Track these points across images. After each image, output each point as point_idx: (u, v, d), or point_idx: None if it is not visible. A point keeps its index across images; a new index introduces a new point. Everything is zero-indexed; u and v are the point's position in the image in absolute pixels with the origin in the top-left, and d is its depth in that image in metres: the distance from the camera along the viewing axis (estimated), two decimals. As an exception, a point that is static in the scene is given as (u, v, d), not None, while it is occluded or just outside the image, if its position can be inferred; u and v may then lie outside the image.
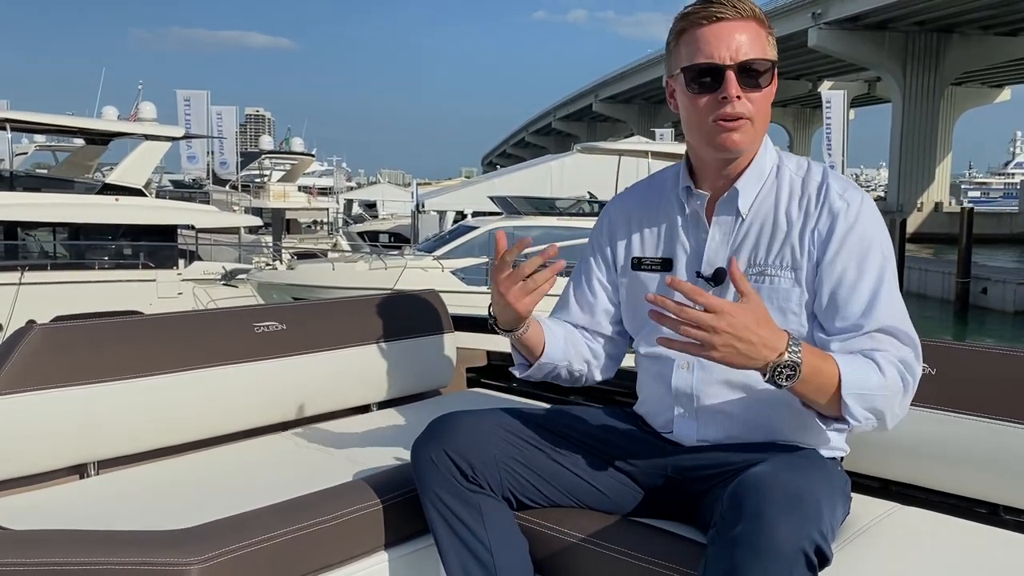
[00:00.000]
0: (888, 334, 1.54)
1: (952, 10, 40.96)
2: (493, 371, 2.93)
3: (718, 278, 1.67)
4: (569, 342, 1.82)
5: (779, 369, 1.42)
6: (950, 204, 48.93)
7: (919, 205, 47.59)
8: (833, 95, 23.95)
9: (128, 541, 1.53)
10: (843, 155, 22.63)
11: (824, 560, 1.34)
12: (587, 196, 18.40)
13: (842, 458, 1.69)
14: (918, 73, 47.15)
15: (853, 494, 1.71)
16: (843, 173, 22.18)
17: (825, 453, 1.64)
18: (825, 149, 23.60)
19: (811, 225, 1.61)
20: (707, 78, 1.58)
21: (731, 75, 1.56)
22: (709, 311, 1.37)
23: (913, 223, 42.56)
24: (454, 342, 2.68)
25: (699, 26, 1.59)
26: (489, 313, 1.73)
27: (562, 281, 1.87)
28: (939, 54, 46.95)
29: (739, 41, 1.56)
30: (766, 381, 1.44)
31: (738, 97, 1.56)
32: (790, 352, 1.42)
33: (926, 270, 27.95)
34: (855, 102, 68.98)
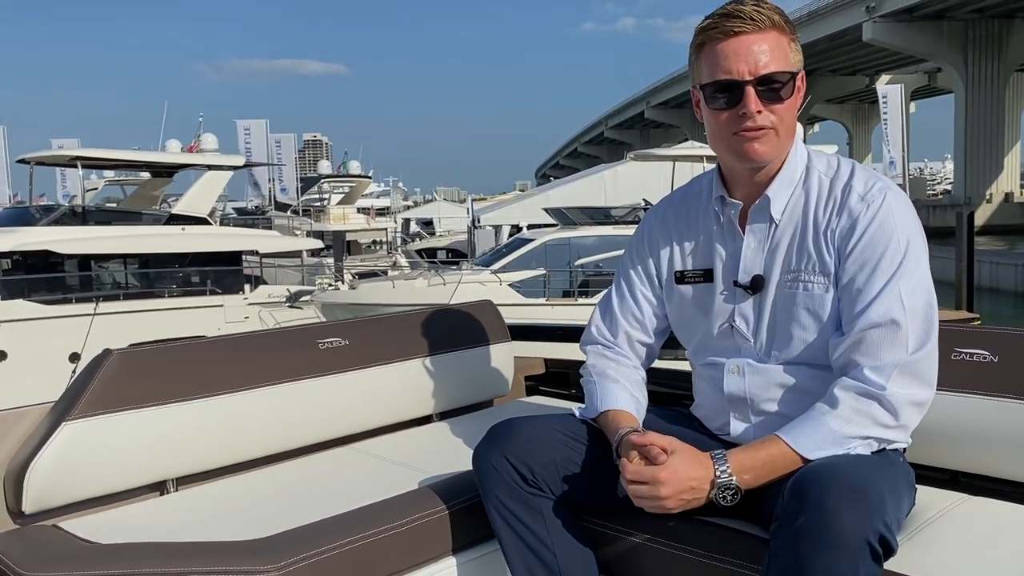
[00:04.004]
0: (878, 328, 1.54)
1: (1013, -6, 39.74)
2: (551, 379, 2.96)
3: (756, 286, 1.68)
4: (639, 402, 1.82)
5: (720, 495, 1.50)
6: (1022, 194, 47.28)
7: (988, 197, 46.11)
8: (889, 90, 23.38)
9: (208, 552, 1.60)
10: (903, 150, 22.07)
11: (889, 550, 1.34)
12: (642, 204, 18.32)
13: (904, 449, 1.67)
14: (980, 61, 45.78)
15: (920, 486, 1.69)
16: (905, 168, 21.62)
17: (887, 445, 1.63)
18: (884, 145, 23.05)
19: (834, 228, 1.61)
20: (727, 94, 1.59)
21: (751, 91, 1.56)
22: (650, 483, 1.50)
23: (982, 215, 41.21)
24: (511, 351, 2.72)
25: (717, 40, 1.59)
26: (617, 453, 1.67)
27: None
28: (1001, 41, 45.53)
29: (758, 55, 1.56)
30: (720, 508, 1.52)
31: (759, 111, 1.57)
32: (718, 474, 1.50)
33: (997, 263, 27.04)
34: (915, 94, 67.26)
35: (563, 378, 2.94)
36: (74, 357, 12.96)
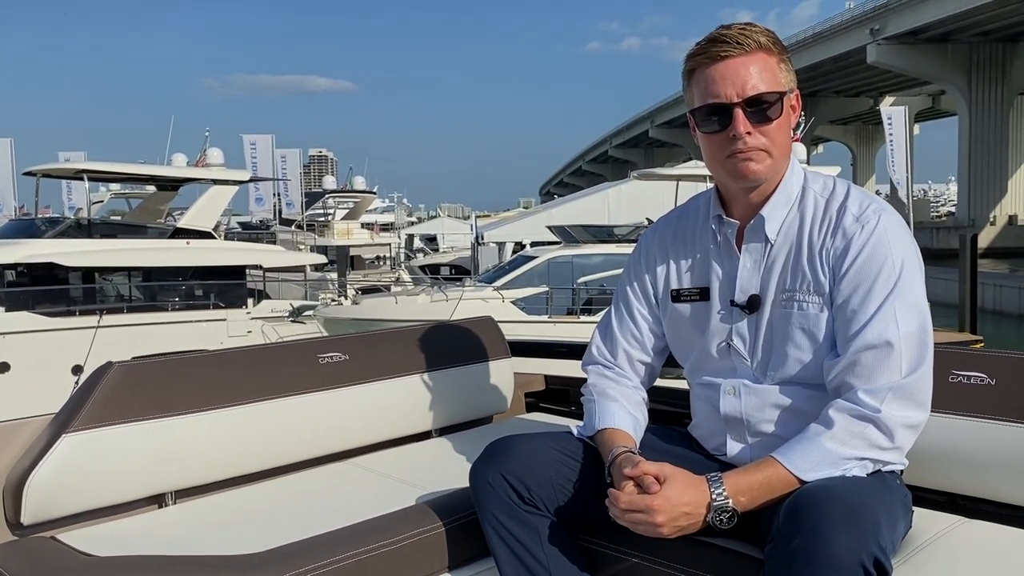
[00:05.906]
0: (873, 350, 1.54)
1: (1017, 18, 39.92)
2: (551, 395, 2.96)
3: (752, 305, 1.69)
4: (638, 421, 1.82)
5: (716, 519, 1.50)
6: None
7: (992, 219, 46.14)
8: (893, 111, 23.39)
9: (205, 565, 1.60)
10: (908, 172, 22.07)
11: (884, 573, 1.34)
12: (645, 222, 18.35)
13: (902, 471, 1.67)
14: (984, 84, 45.97)
15: (917, 508, 1.69)
16: (909, 190, 21.62)
17: (882, 467, 1.63)
18: (889, 167, 23.09)
19: (828, 248, 1.63)
20: (716, 117, 1.62)
21: (739, 113, 1.59)
22: (644, 511, 1.49)
23: (986, 238, 41.21)
24: (511, 367, 2.72)
25: (705, 66, 1.62)
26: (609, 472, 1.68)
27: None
28: (1005, 64, 45.75)
29: (745, 77, 1.58)
30: (718, 531, 1.52)
31: (748, 133, 1.59)
32: (714, 497, 1.50)
33: (1001, 286, 27.02)
34: (919, 116, 67.42)
35: (563, 395, 2.94)
36: (77, 369, 12.99)
